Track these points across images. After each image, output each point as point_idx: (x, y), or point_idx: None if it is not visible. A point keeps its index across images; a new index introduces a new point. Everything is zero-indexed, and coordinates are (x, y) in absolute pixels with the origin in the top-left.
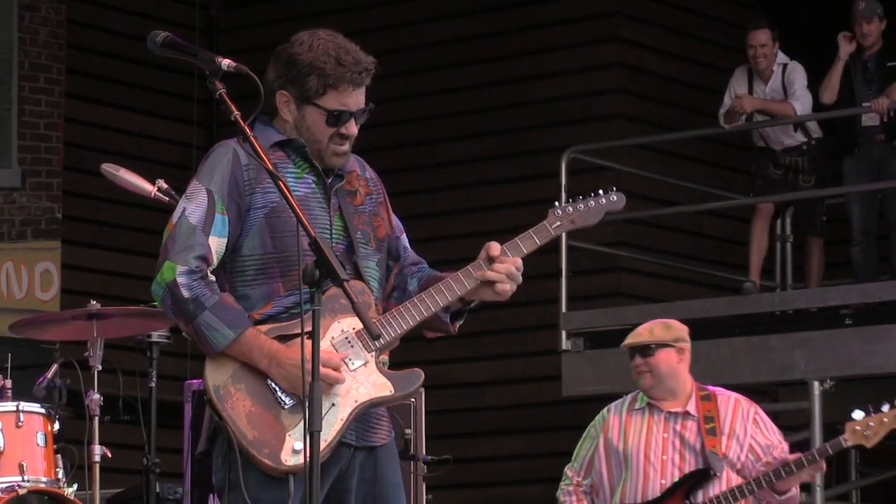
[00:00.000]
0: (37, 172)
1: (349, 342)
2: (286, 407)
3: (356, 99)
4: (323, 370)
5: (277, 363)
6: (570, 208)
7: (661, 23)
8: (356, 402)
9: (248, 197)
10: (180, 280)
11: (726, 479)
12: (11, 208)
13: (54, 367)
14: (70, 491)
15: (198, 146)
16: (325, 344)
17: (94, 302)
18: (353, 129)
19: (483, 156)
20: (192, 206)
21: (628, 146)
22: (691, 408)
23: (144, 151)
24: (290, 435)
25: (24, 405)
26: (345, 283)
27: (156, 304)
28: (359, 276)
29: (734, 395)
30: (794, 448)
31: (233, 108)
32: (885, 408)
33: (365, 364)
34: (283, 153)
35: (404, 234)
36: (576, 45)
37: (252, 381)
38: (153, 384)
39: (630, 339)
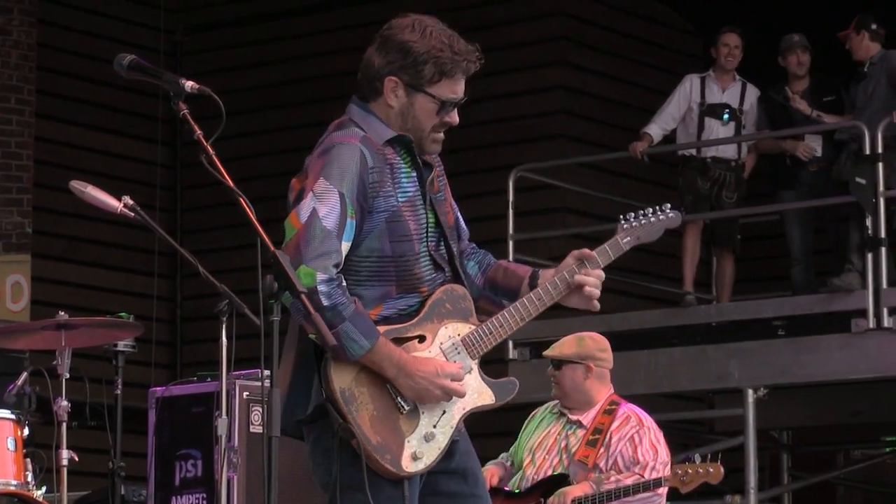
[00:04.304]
0: (8, 189)
1: (456, 349)
2: (404, 412)
3: (462, 87)
4: (450, 384)
5: (406, 374)
6: (635, 223)
7: (603, 48)
8: (464, 408)
9: (371, 200)
10: (321, 288)
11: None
12: None
13: (24, 374)
14: (39, 493)
15: (162, 164)
16: (434, 349)
17: (63, 313)
18: (455, 118)
19: None
20: (325, 208)
21: (572, 165)
22: (586, 419)
23: (111, 169)
24: (408, 441)
25: None
26: (302, 296)
27: (122, 315)
28: (457, 277)
29: (631, 412)
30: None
31: (195, 127)
32: (700, 459)
33: (470, 371)
34: (393, 149)
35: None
36: (522, 69)
37: (373, 386)
38: (118, 391)
39: (547, 351)
